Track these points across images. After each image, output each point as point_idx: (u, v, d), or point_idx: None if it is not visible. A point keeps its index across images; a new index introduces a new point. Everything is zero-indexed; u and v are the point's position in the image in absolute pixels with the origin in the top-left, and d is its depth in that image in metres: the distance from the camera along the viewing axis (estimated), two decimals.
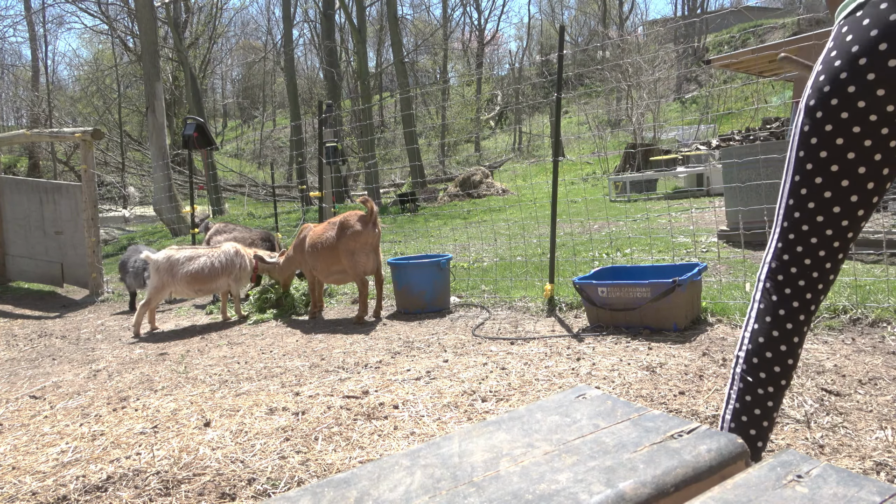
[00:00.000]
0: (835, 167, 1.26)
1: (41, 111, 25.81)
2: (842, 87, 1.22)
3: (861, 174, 1.25)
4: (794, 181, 1.33)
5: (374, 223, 4.38)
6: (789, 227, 1.35)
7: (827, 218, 1.30)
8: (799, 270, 1.34)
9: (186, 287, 4.75)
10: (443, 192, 15.97)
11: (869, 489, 0.41)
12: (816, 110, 1.27)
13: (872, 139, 1.22)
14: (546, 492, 0.42)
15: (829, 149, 1.26)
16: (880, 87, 1.18)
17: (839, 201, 1.28)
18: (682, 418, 0.53)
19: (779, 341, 1.37)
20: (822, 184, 1.28)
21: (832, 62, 1.25)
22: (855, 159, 1.24)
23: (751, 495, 0.41)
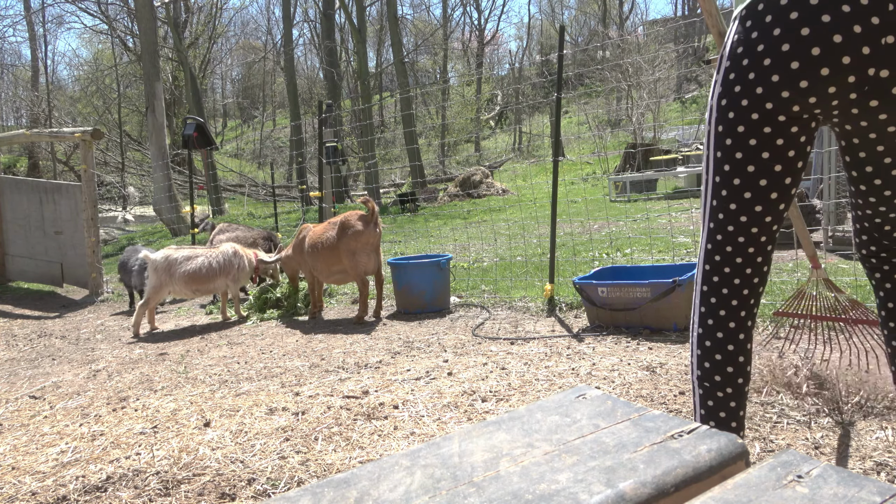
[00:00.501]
0: (751, 167, 1.27)
1: (41, 111, 25.80)
2: (750, 88, 1.22)
3: (777, 171, 1.27)
4: (714, 182, 1.34)
5: (375, 223, 4.38)
6: (715, 229, 1.36)
7: (750, 216, 1.31)
8: (732, 269, 1.35)
9: (184, 287, 4.75)
10: (443, 192, 15.97)
11: (869, 489, 0.41)
12: (728, 111, 1.27)
13: (784, 138, 1.24)
14: (546, 492, 0.42)
15: (743, 150, 1.27)
16: (784, 90, 1.19)
17: (759, 200, 1.29)
18: (683, 418, 0.53)
19: (725, 342, 1.37)
20: (740, 185, 1.29)
21: (740, 59, 1.24)
22: (769, 159, 1.25)
23: (751, 495, 0.41)
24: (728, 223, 1.33)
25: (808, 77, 1.17)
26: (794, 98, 1.20)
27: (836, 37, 1.12)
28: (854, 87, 1.16)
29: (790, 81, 1.18)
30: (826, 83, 1.17)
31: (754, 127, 1.24)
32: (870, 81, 1.15)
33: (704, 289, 1.39)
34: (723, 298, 1.37)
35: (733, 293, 1.36)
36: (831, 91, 1.18)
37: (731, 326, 1.37)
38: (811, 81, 1.17)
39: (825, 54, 1.15)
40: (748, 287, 1.36)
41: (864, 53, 1.12)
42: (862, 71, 1.14)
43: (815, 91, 1.18)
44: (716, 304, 1.37)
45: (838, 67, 1.15)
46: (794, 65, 1.17)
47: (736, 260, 1.35)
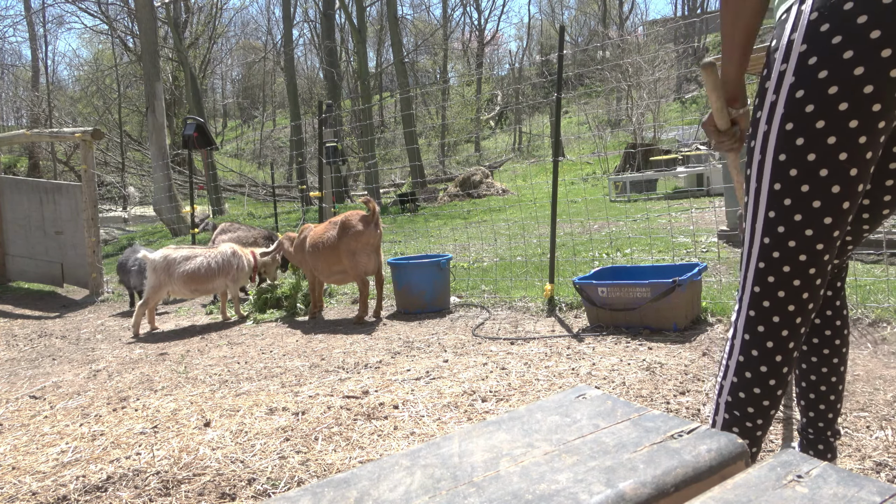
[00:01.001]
0: (825, 171, 1.11)
1: (41, 111, 25.80)
2: (846, 70, 1.05)
3: (853, 176, 1.11)
4: (773, 190, 1.18)
5: (376, 223, 4.38)
6: (772, 244, 1.19)
7: (818, 229, 1.15)
8: (787, 293, 1.19)
9: (183, 287, 4.75)
10: (443, 192, 15.97)
11: (869, 489, 0.41)
12: (807, 103, 1.09)
13: (873, 146, 1.09)
14: (546, 492, 0.42)
15: (819, 151, 1.11)
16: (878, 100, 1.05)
17: (830, 209, 1.13)
18: (682, 418, 0.53)
19: (767, 376, 1.23)
20: (809, 191, 1.14)
21: (827, 38, 1.06)
22: (847, 161, 1.10)
23: (751, 495, 0.41)
24: (790, 237, 1.16)
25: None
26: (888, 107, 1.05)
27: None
28: None
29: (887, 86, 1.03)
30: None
31: (840, 121, 1.07)
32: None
33: (752, 314, 1.23)
34: (772, 328, 1.21)
35: (785, 322, 1.20)
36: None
37: (778, 360, 1.22)
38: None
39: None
40: (802, 315, 1.20)
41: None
42: None
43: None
44: (763, 334, 1.22)
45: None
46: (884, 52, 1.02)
47: (793, 282, 1.18)
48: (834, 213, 1.12)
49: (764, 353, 1.22)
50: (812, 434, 1.53)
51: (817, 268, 1.17)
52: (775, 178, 1.14)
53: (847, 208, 1.12)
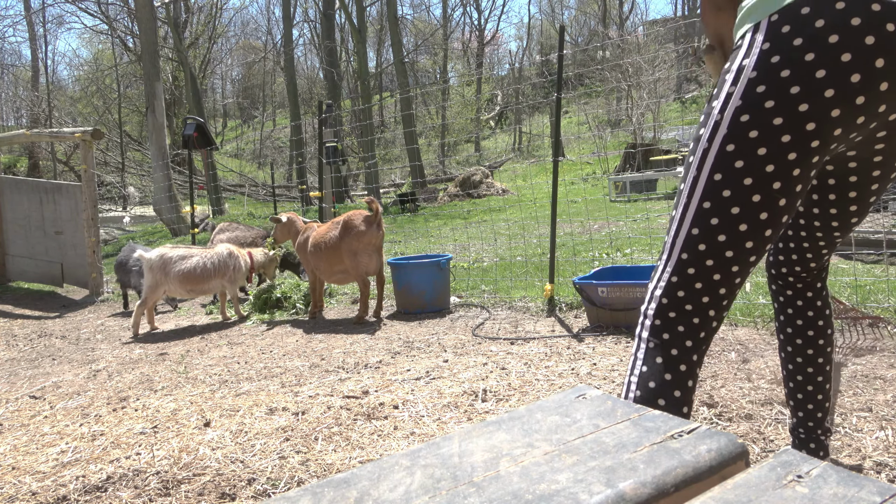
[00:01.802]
0: (757, 197, 1.09)
1: (41, 111, 25.81)
2: (791, 104, 1.05)
3: (781, 206, 1.10)
4: (701, 208, 1.14)
5: (378, 224, 4.39)
6: (689, 260, 1.16)
7: (738, 252, 1.13)
8: (695, 307, 1.17)
9: (179, 286, 4.75)
10: (443, 192, 15.97)
11: (869, 489, 0.41)
12: (750, 129, 1.08)
13: (803, 168, 1.08)
14: (546, 492, 0.42)
15: (756, 176, 1.09)
16: (836, 108, 1.04)
17: (755, 234, 1.12)
18: (682, 418, 0.53)
19: (672, 386, 1.19)
20: (739, 214, 1.11)
21: (776, 70, 1.06)
22: (779, 190, 1.09)
23: (751, 495, 0.41)
24: (707, 257, 1.14)
25: (867, 93, 1.03)
26: (842, 118, 1.05)
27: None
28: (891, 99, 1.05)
29: (845, 98, 1.03)
30: (880, 100, 1.04)
31: (780, 151, 1.07)
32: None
33: (656, 323, 1.20)
34: (677, 336, 1.19)
35: (689, 332, 1.18)
36: (881, 110, 1.06)
37: (682, 370, 1.19)
38: (868, 97, 1.03)
39: (887, 67, 1.01)
40: (706, 329, 1.19)
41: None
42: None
43: (868, 109, 1.05)
44: (667, 342, 1.19)
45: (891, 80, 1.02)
46: (854, 78, 1.02)
47: (703, 299, 1.16)
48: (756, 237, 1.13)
49: (674, 335, 1.20)
50: (803, 433, 1.59)
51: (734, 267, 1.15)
52: (705, 197, 1.14)
53: (769, 235, 1.13)
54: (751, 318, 3.41)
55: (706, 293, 1.16)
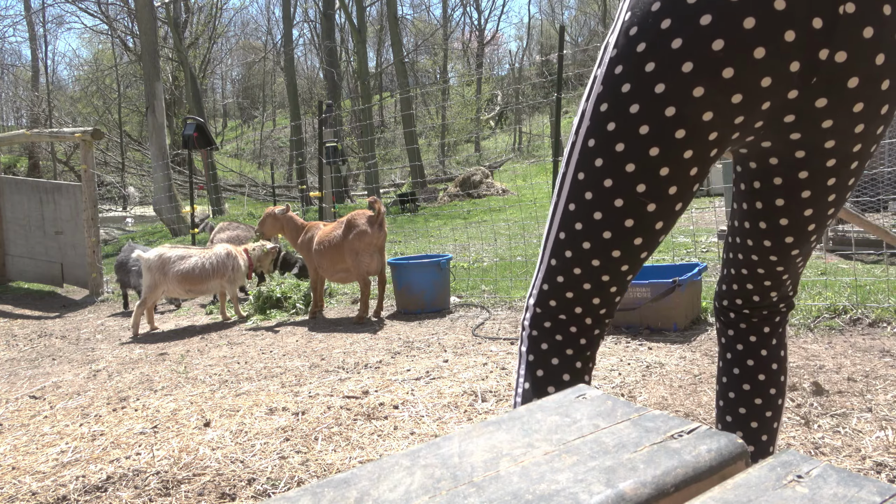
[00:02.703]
0: (619, 202, 0.93)
1: (41, 111, 25.82)
2: (648, 85, 0.85)
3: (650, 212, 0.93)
4: (567, 210, 0.99)
5: (381, 224, 4.40)
6: (558, 267, 1.02)
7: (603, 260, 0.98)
8: (568, 317, 1.04)
9: (178, 286, 4.75)
10: (443, 192, 15.97)
11: (869, 489, 0.41)
12: (608, 120, 0.91)
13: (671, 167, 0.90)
14: (546, 492, 0.42)
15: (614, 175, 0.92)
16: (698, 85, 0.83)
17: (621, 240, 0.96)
18: (682, 418, 0.53)
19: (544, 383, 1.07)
20: (601, 220, 0.95)
21: (633, 45, 0.87)
22: (646, 193, 0.91)
23: (751, 495, 0.41)
24: (576, 265, 1.00)
25: (735, 63, 0.80)
26: (708, 99, 0.83)
27: (778, 2, 0.77)
28: (798, 79, 0.82)
29: (707, 72, 0.81)
30: (758, 73, 0.81)
31: (639, 146, 0.88)
32: (821, 69, 0.81)
33: (534, 334, 1.08)
34: (555, 346, 1.06)
35: (568, 342, 1.06)
36: (765, 85, 0.82)
37: (565, 379, 1.06)
38: (738, 69, 0.80)
39: (761, 28, 0.78)
40: (586, 336, 1.06)
41: (814, 28, 0.78)
42: (811, 53, 0.80)
43: (741, 86, 0.82)
44: (546, 352, 1.06)
45: (778, 47, 0.79)
46: (716, 44, 0.79)
47: (575, 309, 1.03)
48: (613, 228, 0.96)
49: (553, 345, 1.08)
50: None
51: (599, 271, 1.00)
52: (570, 198, 0.99)
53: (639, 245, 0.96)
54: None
55: (578, 303, 1.03)
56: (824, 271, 4.30)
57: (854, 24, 0.78)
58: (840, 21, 0.78)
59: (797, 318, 3.31)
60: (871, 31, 0.79)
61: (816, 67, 0.81)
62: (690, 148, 0.87)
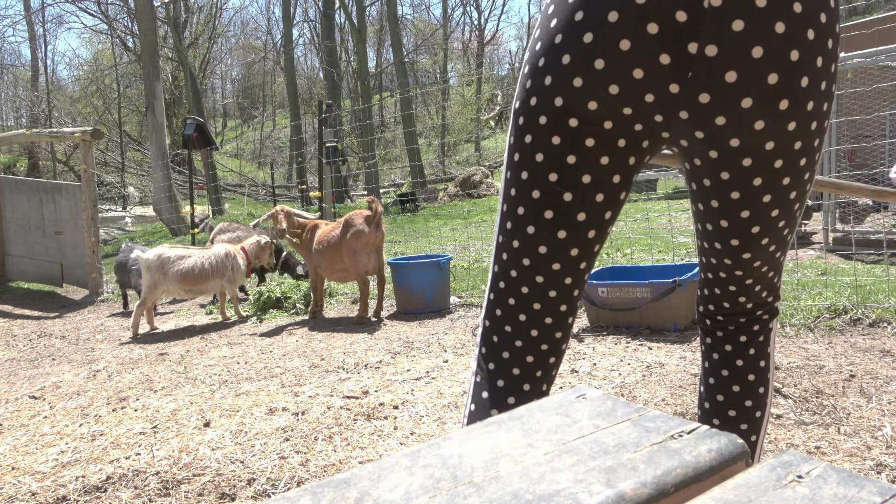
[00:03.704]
0: (536, 193, 0.93)
1: (41, 111, 25.82)
2: (540, 76, 0.88)
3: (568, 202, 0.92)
4: (501, 211, 0.99)
5: (378, 224, 4.40)
6: (498, 274, 1.00)
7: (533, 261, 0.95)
8: (514, 328, 0.99)
9: (177, 286, 4.75)
10: (443, 192, 15.97)
11: (869, 489, 0.41)
12: (517, 114, 0.93)
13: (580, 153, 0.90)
14: (546, 492, 0.42)
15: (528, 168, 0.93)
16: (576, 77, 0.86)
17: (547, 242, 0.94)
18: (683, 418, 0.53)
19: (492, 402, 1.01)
20: (524, 215, 0.95)
21: (534, 35, 0.91)
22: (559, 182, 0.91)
23: (751, 495, 0.41)
24: (511, 267, 0.98)
25: (604, 55, 0.83)
26: (588, 89, 0.85)
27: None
28: (672, 73, 0.82)
29: (583, 63, 0.84)
30: (629, 64, 0.82)
31: (541, 138, 0.90)
32: (693, 63, 0.81)
33: (483, 351, 1.04)
34: (502, 365, 1.01)
35: (515, 359, 1.01)
36: (638, 76, 0.83)
37: (510, 402, 1.01)
38: (608, 61, 0.83)
39: (623, 21, 0.80)
40: (532, 354, 1.00)
41: (678, 21, 0.79)
42: (679, 47, 0.80)
43: (615, 78, 0.83)
44: (493, 372, 1.02)
45: (642, 40, 0.81)
46: (586, 37, 0.83)
47: (519, 317, 0.99)
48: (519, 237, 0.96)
49: (499, 364, 1.03)
50: None
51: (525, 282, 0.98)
52: (503, 198, 0.99)
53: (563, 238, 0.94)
54: None
55: (521, 310, 0.98)
56: (824, 271, 4.30)
57: (721, 17, 0.78)
58: (706, 14, 0.78)
59: (797, 318, 3.31)
60: (741, 24, 0.78)
61: (688, 61, 0.81)
62: (590, 136, 0.88)
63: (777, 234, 0.98)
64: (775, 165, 0.89)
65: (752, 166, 0.89)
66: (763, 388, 1.11)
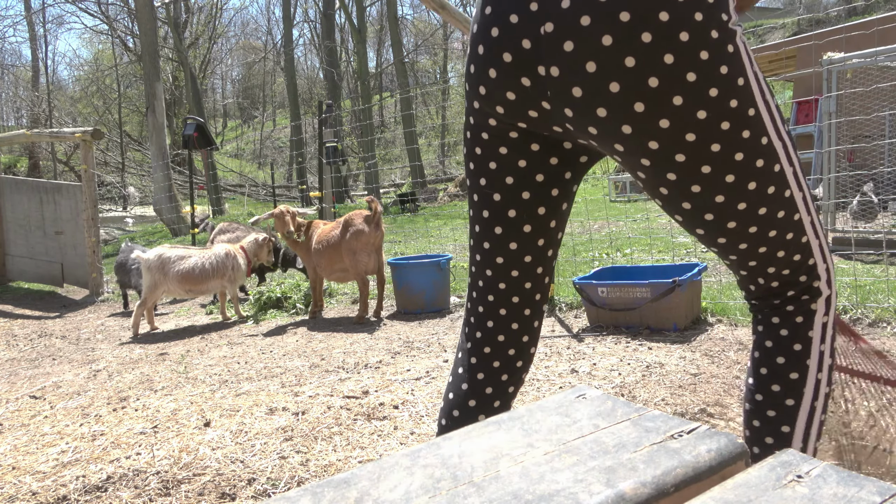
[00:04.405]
0: (497, 196, 1.06)
1: (41, 111, 25.82)
2: (469, 101, 1.04)
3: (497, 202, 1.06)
4: (470, 215, 1.13)
5: (378, 224, 4.40)
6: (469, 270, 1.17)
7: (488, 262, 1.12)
8: (475, 318, 1.17)
9: (178, 286, 4.75)
10: (443, 192, 15.97)
11: (869, 489, 0.41)
12: (465, 131, 1.09)
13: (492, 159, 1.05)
14: (546, 492, 0.42)
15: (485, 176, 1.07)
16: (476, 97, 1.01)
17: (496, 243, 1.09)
18: (682, 418, 0.53)
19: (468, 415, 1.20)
20: (471, 205, 1.10)
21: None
22: (514, 184, 1.04)
23: (751, 495, 0.41)
24: (472, 265, 1.15)
25: (484, 81, 0.97)
26: (484, 110, 1.01)
27: (493, 30, 0.92)
28: (538, 92, 0.92)
29: (474, 89, 1.00)
30: (502, 88, 0.95)
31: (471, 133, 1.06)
32: (547, 83, 0.90)
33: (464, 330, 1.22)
34: (469, 352, 1.21)
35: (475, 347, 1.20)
36: (512, 98, 0.95)
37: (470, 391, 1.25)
38: (487, 86, 0.97)
39: (487, 52, 0.95)
40: (490, 345, 1.18)
41: (524, 48, 0.90)
42: (531, 69, 0.91)
43: (497, 100, 0.97)
44: (465, 353, 1.23)
45: (503, 66, 0.93)
46: (471, 68, 1.00)
47: (478, 308, 1.16)
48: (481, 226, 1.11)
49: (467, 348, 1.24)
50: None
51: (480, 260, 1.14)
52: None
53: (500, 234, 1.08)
54: (750, 319, 3.41)
55: (479, 301, 1.15)
56: None
57: (554, 40, 0.86)
58: (542, 39, 0.87)
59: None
60: (571, 45, 0.85)
61: (543, 82, 0.90)
62: (501, 145, 1.02)
63: (747, 216, 0.93)
64: (677, 159, 0.88)
65: (654, 165, 0.90)
66: (797, 375, 1.03)
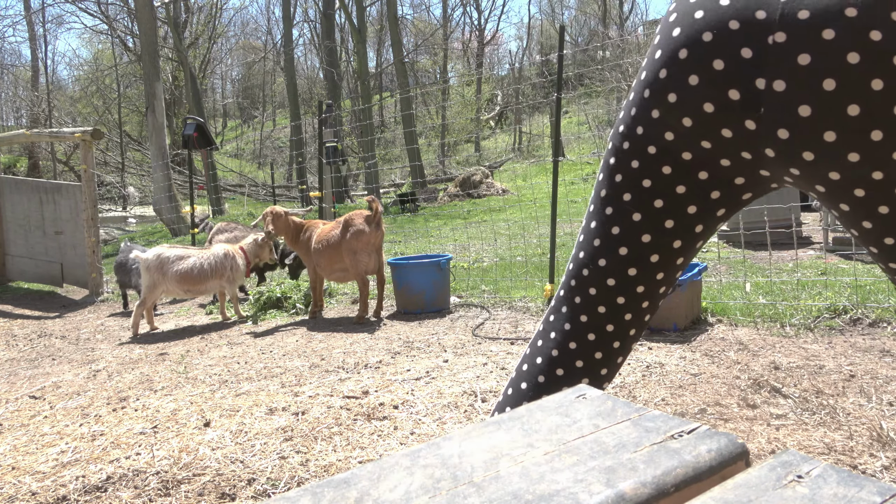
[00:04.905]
0: (637, 216, 0.98)
1: (41, 111, 25.81)
2: (647, 112, 0.93)
3: (669, 228, 0.97)
4: (590, 227, 1.05)
5: (378, 224, 4.40)
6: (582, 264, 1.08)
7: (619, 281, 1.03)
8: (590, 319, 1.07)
9: (177, 286, 4.75)
10: (443, 192, 15.96)
11: (869, 489, 0.41)
12: (624, 139, 0.99)
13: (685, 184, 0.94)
14: (546, 492, 0.42)
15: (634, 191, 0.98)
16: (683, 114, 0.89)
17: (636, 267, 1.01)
18: (682, 418, 0.53)
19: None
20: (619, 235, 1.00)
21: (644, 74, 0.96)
22: (663, 208, 0.96)
23: (751, 495, 0.41)
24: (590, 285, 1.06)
25: (676, 89, 0.88)
26: (664, 121, 0.92)
27: (705, 34, 0.85)
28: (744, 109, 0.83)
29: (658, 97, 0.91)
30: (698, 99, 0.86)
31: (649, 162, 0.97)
32: (763, 98, 0.82)
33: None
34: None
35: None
36: (709, 110, 0.86)
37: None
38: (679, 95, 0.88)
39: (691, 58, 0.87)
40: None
41: (743, 57, 0.81)
42: (747, 82, 0.82)
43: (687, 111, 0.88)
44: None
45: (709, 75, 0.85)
46: (661, 73, 0.90)
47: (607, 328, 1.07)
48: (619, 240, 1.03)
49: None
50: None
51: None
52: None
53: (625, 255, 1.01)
54: (751, 318, 3.41)
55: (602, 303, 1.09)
56: (824, 271, 4.30)
57: (786, 52, 0.77)
58: (770, 50, 0.78)
59: (797, 318, 3.31)
60: (807, 58, 0.76)
61: (757, 97, 0.81)
62: (666, 164, 0.94)
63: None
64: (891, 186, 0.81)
65: (867, 196, 0.82)
66: None
